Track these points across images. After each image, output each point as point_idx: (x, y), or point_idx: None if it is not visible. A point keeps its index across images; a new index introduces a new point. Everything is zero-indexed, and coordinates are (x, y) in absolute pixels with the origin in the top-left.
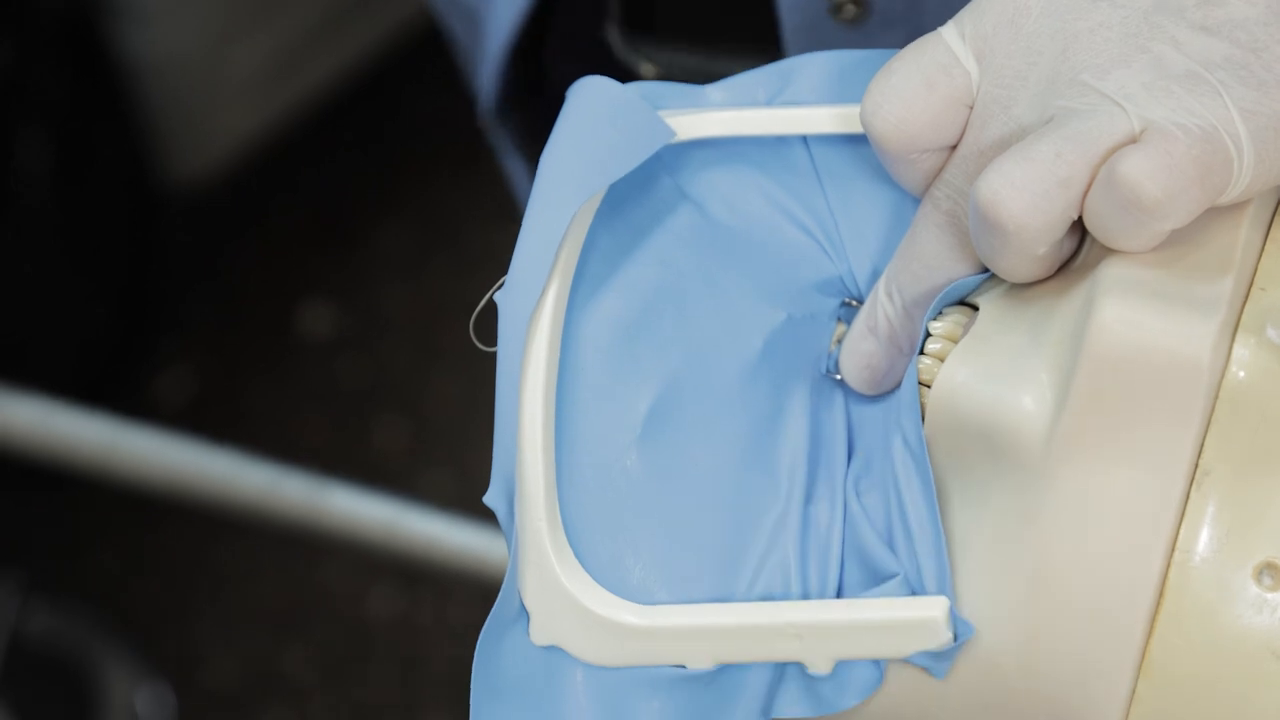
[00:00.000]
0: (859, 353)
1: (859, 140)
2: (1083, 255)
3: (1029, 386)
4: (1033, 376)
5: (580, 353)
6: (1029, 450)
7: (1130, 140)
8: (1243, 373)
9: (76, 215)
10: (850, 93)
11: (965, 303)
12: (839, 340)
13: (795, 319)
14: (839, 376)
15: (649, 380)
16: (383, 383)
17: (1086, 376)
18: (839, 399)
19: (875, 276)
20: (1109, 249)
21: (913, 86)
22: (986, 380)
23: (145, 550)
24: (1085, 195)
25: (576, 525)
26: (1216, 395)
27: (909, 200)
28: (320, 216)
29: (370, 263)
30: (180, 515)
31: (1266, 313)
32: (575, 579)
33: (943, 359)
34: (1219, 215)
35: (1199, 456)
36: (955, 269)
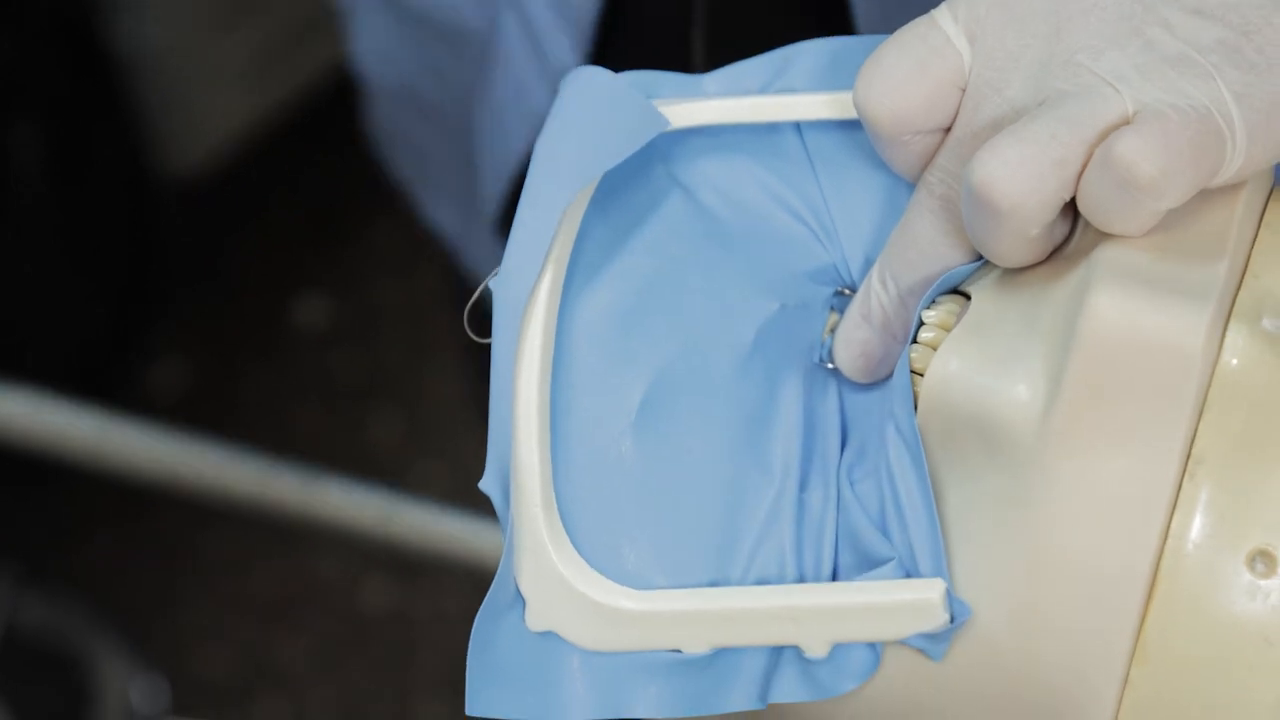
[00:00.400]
0: (854, 341)
1: (853, 126)
2: (1075, 240)
3: (1022, 376)
4: (1026, 365)
5: (575, 341)
6: (1022, 439)
7: (1124, 122)
8: (1235, 360)
9: (71, 208)
10: (844, 79)
11: (958, 291)
12: (832, 329)
13: (788, 308)
14: (832, 365)
15: (643, 368)
16: (377, 375)
17: (1080, 365)
18: (832, 387)
19: (869, 264)
20: (1101, 234)
21: (905, 68)
22: (979, 370)
23: (139, 541)
24: (1079, 177)
25: (572, 511)
26: (1209, 383)
27: (902, 186)
28: (315, 209)
29: (365, 255)
30: (174, 506)
31: (1260, 299)
32: (571, 565)
33: (935, 347)
34: (1212, 201)
35: (1192, 444)
36: (950, 255)
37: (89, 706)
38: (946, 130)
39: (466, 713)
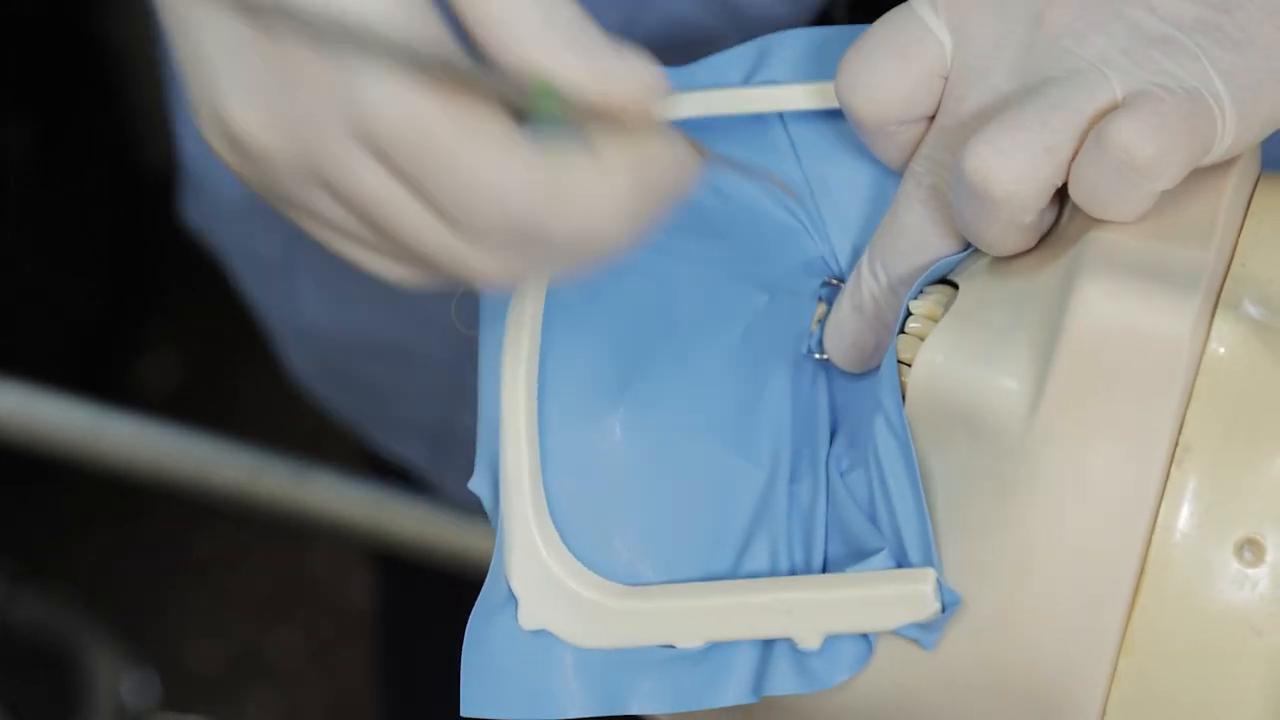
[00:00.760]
0: (845, 331)
1: (835, 116)
2: (1060, 228)
3: (1009, 367)
4: (1013, 356)
5: (562, 336)
6: (1010, 429)
7: (1113, 106)
8: (1223, 348)
9: (63, 202)
10: (825, 69)
11: (945, 280)
12: (820, 320)
13: (777, 299)
14: (821, 356)
15: (632, 361)
16: None
17: (1067, 355)
18: (821, 378)
19: (857, 254)
20: (1087, 223)
21: (887, 59)
22: (967, 361)
23: (130, 537)
24: (1070, 163)
25: (562, 508)
26: (1197, 371)
27: (888, 176)
28: None
29: None
30: (166, 502)
31: (1246, 288)
32: (562, 563)
33: (923, 337)
34: (1199, 189)
35: (1180, 433)
36: (940, 244)
37: (81, 701)
38: (930, 119)
39: (462, 714)
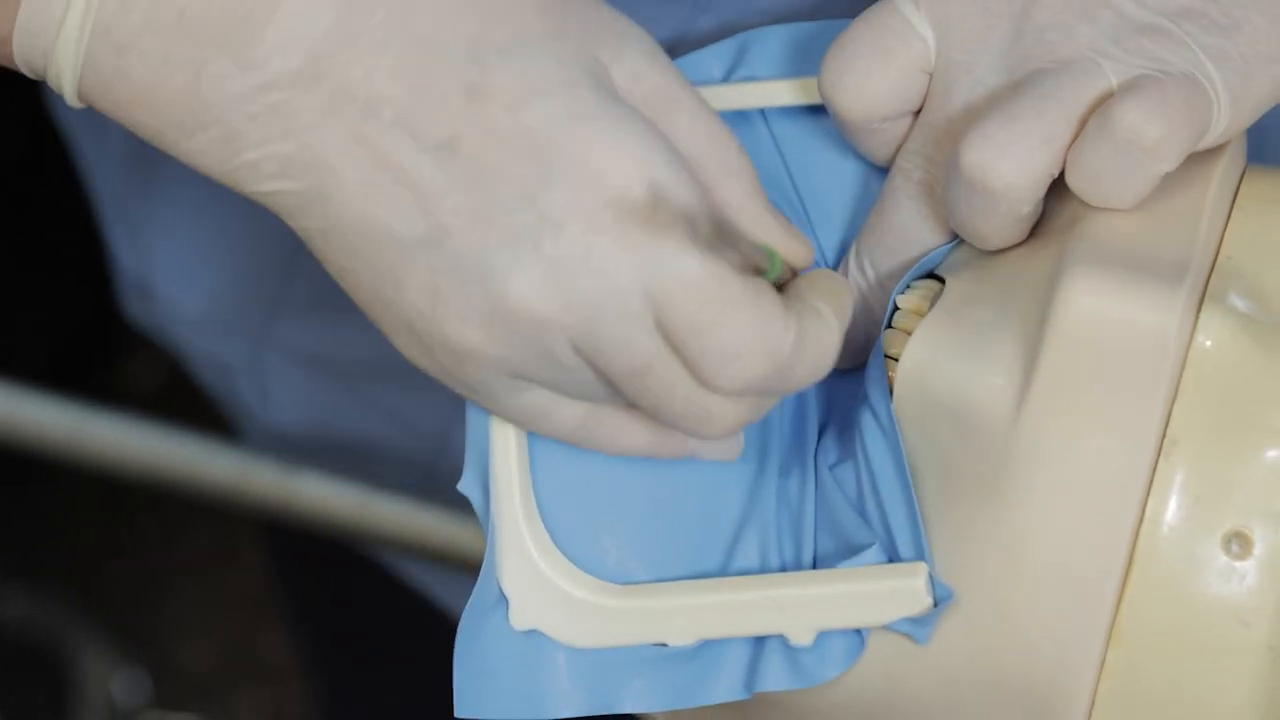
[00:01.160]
0: None
1: (818, 111)
2: (1045, 222)
3: (997, 362)
4: (1000, 351)
5: None
6: (998, 424)
7: (1109, 93)
8: (1209, 342)
9: (46, 196)
10: (806, 65)
11: (931, 275)
12: None
13: None
14: None
15: None
16: None
17: (1054, 349)
18: None
19: (842, 249)
20: (1072, 216)
21: (870, 56)
22: (954, 355)
23: (119, 535)
24: (1065, 152)
25: (552, 508)
26: (1184, 365)
27: (872, 171)
28: None
29: None
30: (156, 500)
31: (1232, 281)
32: (552, 563)
33: (910, 332)
34: (1185, 183)
35: (1167, 426)
36: (928, 239)
37: (71, 700)
38: (915, 114)
39: (455, 715)
